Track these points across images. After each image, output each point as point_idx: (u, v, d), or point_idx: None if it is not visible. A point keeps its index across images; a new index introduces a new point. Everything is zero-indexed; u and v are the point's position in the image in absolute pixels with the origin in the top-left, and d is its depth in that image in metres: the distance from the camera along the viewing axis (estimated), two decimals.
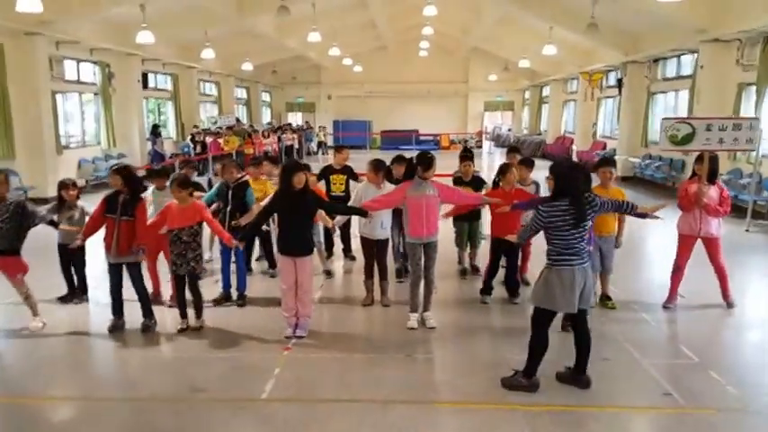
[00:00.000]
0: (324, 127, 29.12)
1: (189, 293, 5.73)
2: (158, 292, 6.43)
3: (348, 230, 8.02)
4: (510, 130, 30.74)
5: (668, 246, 6.68)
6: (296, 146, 23.76)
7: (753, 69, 11.52)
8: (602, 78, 20.32)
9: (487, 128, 31.48)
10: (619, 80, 17.94)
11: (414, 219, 5.58)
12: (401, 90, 30.37)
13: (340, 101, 31.55)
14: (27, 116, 12.77)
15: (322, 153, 26.75)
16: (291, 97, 32.86)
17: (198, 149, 18.82)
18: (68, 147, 15.19)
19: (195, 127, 20.50)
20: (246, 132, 20.94)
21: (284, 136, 23.25)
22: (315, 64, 28.29)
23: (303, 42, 20.06)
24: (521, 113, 31.94)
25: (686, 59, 15.05)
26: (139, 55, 16.86)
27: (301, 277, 5.43)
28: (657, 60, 16.32)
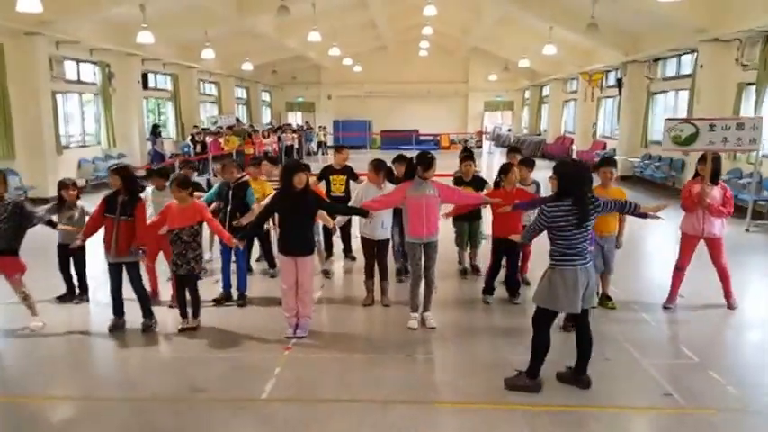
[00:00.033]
0: (324, 127, 29.10)
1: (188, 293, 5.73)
2: (156, 292, 6.43)
3: (348, 231, 8.01)
4: (510, 130, 30.75)
5: (668, 246, 6.69)
6: (296, 146, 23.75)
7: (752, 69, 11.52)
8: (601, 78, 20.31)
9: (487, 128, 31.50)
10: (619, 80, 17.94)
11: (414, 219, 5.58)
12: (401, 90, 30.37)
13: (340, 101, 31.55)
14: (27, 116, 12.77)
15: (322, 153, 26.75)
16: (291, 97, 32.87)
17: (198, 149, 18.83)
18: (68, 147, 15.19)
19: (195, 127, 20.50)
20: (246, 132, 20.96)
21: (284, 136, 23.24)
22: (315, 64, 28.29)
23: (303, 42, 20.07)
24: (521, 113, 31.93)
25: (686, 59, 15.02)
26: (139, 55, 16.86)
27: (302, 277, 5.43)
28: (657, 60, 16.31)
